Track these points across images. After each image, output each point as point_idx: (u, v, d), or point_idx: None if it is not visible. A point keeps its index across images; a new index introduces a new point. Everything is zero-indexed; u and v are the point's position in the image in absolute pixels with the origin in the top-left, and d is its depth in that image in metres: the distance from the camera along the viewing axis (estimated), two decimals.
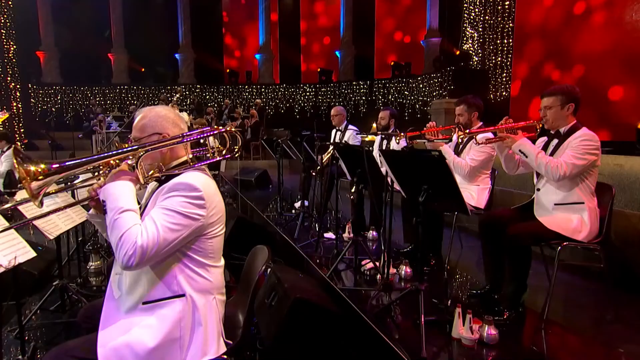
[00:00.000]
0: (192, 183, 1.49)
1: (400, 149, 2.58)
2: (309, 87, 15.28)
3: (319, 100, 15.11)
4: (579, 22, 7.86)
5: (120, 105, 14.68)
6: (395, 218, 3.98)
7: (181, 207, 1.45)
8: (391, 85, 13.38)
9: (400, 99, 13.05)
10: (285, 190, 5.61)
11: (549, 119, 2.51)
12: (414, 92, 12.54)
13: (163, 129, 1.61)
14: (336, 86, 14.83)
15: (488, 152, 3.21)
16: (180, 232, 1.45)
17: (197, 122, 6.65)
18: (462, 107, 3.35)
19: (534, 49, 8.82)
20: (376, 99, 13.85)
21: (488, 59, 10.18)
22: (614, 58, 7.13)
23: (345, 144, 3.18)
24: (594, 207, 2.44)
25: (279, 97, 15.26)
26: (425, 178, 2.12)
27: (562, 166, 2.35)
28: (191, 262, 1.54)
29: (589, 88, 7.36)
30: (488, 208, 3.24)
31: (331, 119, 5.05)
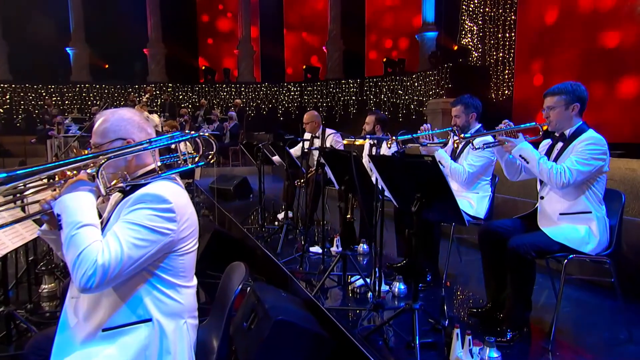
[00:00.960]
0: (160, 194, 1.49)
1: (390, 154, 2.61)
2: (294, 86, 15.35)
3: (304, 100, 15.19)
4: (588, 12, 8.03)
5: (81, 106, 14.54)
6: (387, 230, 4.03)
7: (148, 220, 1.45)
8: (383, 83, 13.52)
9: (394, 98, 13.19)
10: (268, 200, 5.59)
11: (552, 120, 2.57)
12: (409, 91, 12.69)
13: (127, 134, 1.61)
14: (323, 85, 14.92)
15: (487, 157, 3.27)
16: (147, 248, 1.44)
17: (167, 125, 6.61)
18: (458, 108, 3.41)
19: (538, 43, 9.01)
20: (367, 98, 13.97)
21: (489, 54, 10.36)
22: (631, 52, 7.26)
23: (331, 148, 3.20)
24: (603, 217, 2.50)
25: (261, 97, 15.29)
26: (417, 186, 2.15)
27: (565, 173, 2.41)
28: (159, 282, 1.54)
29: (600, 85, 7.54)
30: (489, 218, 3.29)
31: (303, 126, 5.05)
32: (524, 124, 2.69)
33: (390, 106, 13.26)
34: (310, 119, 5.02)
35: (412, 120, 11.86)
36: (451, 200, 2.01)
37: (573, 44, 8.14)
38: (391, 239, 3.83)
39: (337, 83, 14.70)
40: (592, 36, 7.83)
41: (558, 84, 2.59)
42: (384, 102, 13.44)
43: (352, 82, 14.43)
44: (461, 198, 3.33)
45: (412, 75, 12.62)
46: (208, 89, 15.25)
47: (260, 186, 4.77)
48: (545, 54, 8.85)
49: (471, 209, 3.26)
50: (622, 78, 7.46)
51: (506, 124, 2.63)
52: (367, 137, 3.09)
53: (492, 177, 3.43)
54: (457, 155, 3.42)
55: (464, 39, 11.00)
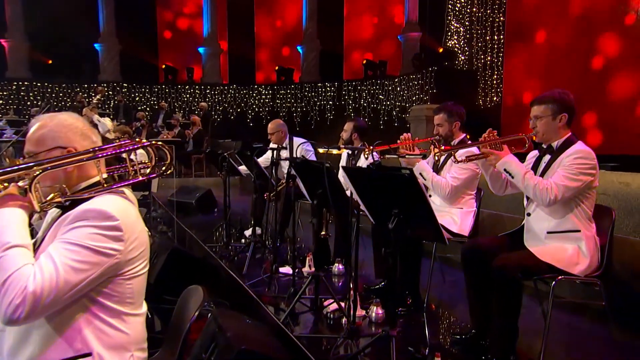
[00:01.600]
0: (105, 210, 1.46)
1: (367, 166, 2.64)
2: (265, 89, 15.37)
3: (276, 104, 15.22)
4: (582, 14, 8.31)
5: (18, 107, 14.14)
6: (365, 248, 4.04)
7: (90, 240, 1.42)
8: (363, 87, 13.68)
9: (374, 104, 13.36)
10: (234, 215, 5.56)
11: (539, 131, 2.65)
12: (391, 96, 12.88)
13: (68, 142, 1.58)
14: (298, 88, 15.00)
15: (472, 169, 3.34)
16: (88, 272, 1.41)
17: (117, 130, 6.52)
18: (441, 116, 3.48)
19: (528, 47, 9.28)
20: (346, 103, 14.10)
21: (476, 57, 10.63)
22: (627, 61, 7.52)
23: (305, 160, 3.21)
24: (592, 235, 2.57)
25: (228, 101, 15.25)
26: (395, 201, 2.17)
27: (552, 189, 2.47)
28: (102, 310, 1.50)
29: (594, 94, 7.80)
30: (473, 235, 3.35)
31: (269, 138, 5.02)
32: (511, 135, 2.77)
33: (370, 112, 13.41)
34: (275, 128, 5.00)
35: (394, 128, 12.01)
36: (430, 216, 2.04)
37: (570, 47, 8.37)
38: (369, 258, 3.85)
39: (313, 86, 14.80)
40: (588, 38, 8.08)
41: (545, 92, 2.68)
42: (364, 107, 13.59)
43: (329, 85, 14.55)
44: (444, 214, 3.38)
45: (394, 79, 12.82)
46: (169, 91, 15.12)
47: (226, 199, 4.75)
48: (536, 59, 9.11)
49: (455, 226, 3.31)
50: (616, 81, 7.74)
51: (490, 133, 2.69)
52: (342, 146, 3.11)
53: (477, 191, 3.50)
54: (439, 167, 3.48)
55: (450, 40, 11.26)
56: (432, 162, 3.52)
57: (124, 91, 14.77)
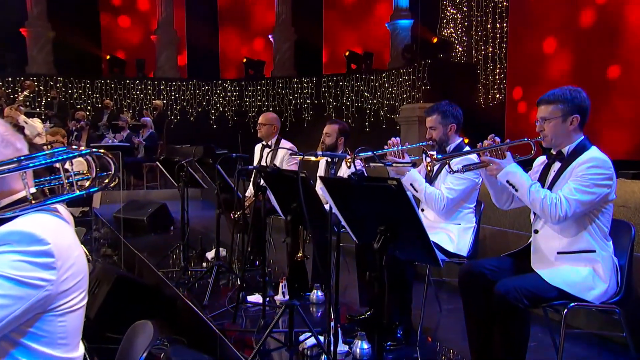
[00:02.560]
0: (32, 231, 1.44)
1: (348, 176, 2.66)
2: (231, 85, 15.37)
3: (245, 102, 15.23)
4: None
5: None
6: (349, 272, 4.05)
7: (13, 269, 1.39)
8: (346, 83, 13.80)
9: (359, 102, 13.47)
10: (193, 234, 5.53)
11: (548, 135, 2.71)
12: (377, 93, 13.00)
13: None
14: (269, 84, 15.04)
15: (471, 179, 3.39)
16: (10, 309, 1.38)
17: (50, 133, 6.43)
18: (434, 118, 3.52)
19: (537, 36, 9.45)
20: (325, 102, 14.18)
21: (476, 49, 10.83)
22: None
23: (276, 169, 3.22)
24: (609, 256, 2.63)
25: (187, 98, 15.19)
26: (380, 216, 2.19)
27: (562, 203, 2.52)
28: (27, 354, 1.46)
29: (619, 90, 7.95)
30: (472, 255, 3.39)
31: (257, 128, 5.16)
32: (515, 140, 2.81)
33: (354, 112, 13.51)
34: (269, 120, 5.12)
35: (382, 130, 12.12)
36: (421, 234, 2.06)
37: (584, 36, 8.50)
38: (353, 284, 3.87)
39: (287, 82, 14.86)
40: (609, 25, 8.16)
41: (554, 90, 2.73)
42: (347, 106, 13.69)
43: (306, 80, 14.64)
44: (439, 230, 3.42)
45: (382, 74, 12.95)
46: (115, 86, 14.97)
47: (184, 215, 4.71)
48: (545, 49, 9.28)
49: (451, 244, 3.35)
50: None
51: (492, 139, 2.73)
52: (319, 153, 3.13)
53: (477, 204, 3.54)
54: (432, 177, 3.52)
55: (446, 29, 11.44)
56: (424, 171, 3.56)
57: (58, 86, 14.54)
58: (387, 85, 12.70)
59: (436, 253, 2.13)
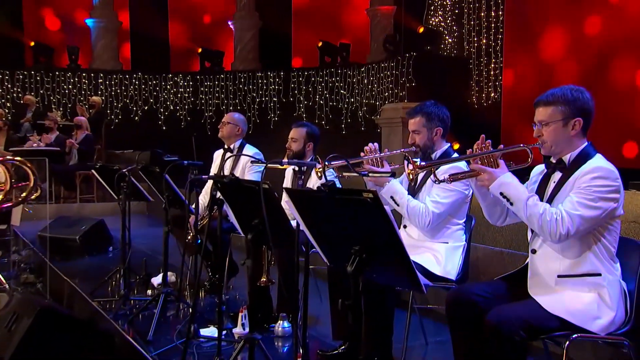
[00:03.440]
0: None
1: (317, 188, 2.67)
2: (184, 79, 15.28)
3: (200, 100, 15.16)
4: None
5: None
6: (321, 299, 4.06)
7: None
8: (319, 79, 13.84)
9: (334, 101, 13.52)
10: (136, 256, 5.47)
11: (547, 141, 2.75)
12: (355, 90, 13.08)
13: None
14: (229, 78, 15.01)
15: (460, 191, 3.43)
16: None
17: None
18: (418, 120, 3.56)
19: (538, 26, 9.61)
20: (295, 100, 14.20)
21: (468, 40, 10.96)
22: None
23: (234, 178, 3.22)
24: (617, 280, 2.68)
25: (131, 95, 15.05)
26: (355, 235, 2.21)
27: (563, 220, 2.56)
28: None
29: (625, 90, 8.13)
30: (463, 279, 3.43)
31: (219, 126, 5.17)
32: (509, 146, 2.86)
33: (328, 112, 13.56)
34: (234, 120, 5.16)
35: (361, 134, 12.17)
36: (401, 256, 2.09)
37: (590, 26, 8.69)
38: (325, 313, 3.87)
39: (250, 76, 14.85)
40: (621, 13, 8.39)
41: (553, 89, 2.78)
42: (320, 106, 13.73)
43: (272, 75, 14.65)
44: (424, 250, 3.46)
45: (361, 68, 13.04)
46: (41, 79, 14.71)
47: (125, 234, 4.65)
48: (548, 42, 9.45)
49: (437, 267, 3.38)
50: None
51: (482, 143, 2.77)
52: (284, 161, 3.15)
53: (467, 219, 3.59)
54: (416, 188, 3.56)
55: (434, 17, 11.57)
56: (407, 182, 3.60)
57: None
58: (366, 81, 12.78)
59: (418, 277, 2.16)
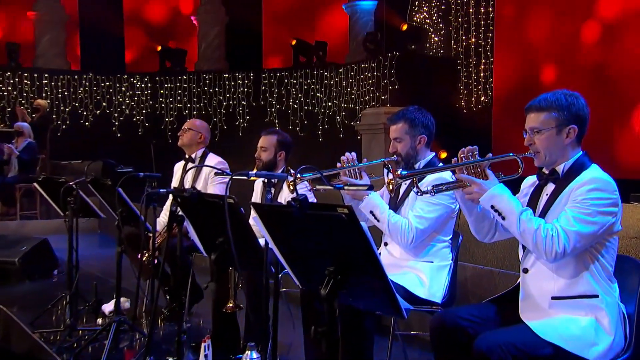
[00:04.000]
0: None
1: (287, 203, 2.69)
2: (141, 81, 15.20)
3: (160, 103, 15.07)
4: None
5: None
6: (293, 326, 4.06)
7: None
8: (292, 80, 13.84)
9: (309, 105, 13.53)
10: (86, 280, 5.44)
11: (539, 150, 2.80)
12: (333, 93, 13.10)
13: None
14: (192, 80, 14.95)
15: (445, 204, 3.46)
16: None
17: None
18: (400, 127, 3.60)
19: (532, 23, 9.71)
20: (266, 104, 14.19)
21: (455, 39, 11.06)
22: None
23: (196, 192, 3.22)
24: (615, 302, 2.72)
25: (80, 98, 14.92)
26: (329, 254, 2.23)
27: (560, 237, 2.59)
28: None
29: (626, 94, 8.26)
30: (449, 302, 3.45)
31: (179, 134, 5.19)
32: (499, 155, 2.90)
33: (303, 117, 13.56)
34: (196, 127, 5.20)
35: (339, 141, 12.18)
36: (379, 277, 2.11)
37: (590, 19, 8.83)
38: (298, 341, 3.87)
39: (216, 77, 14.80)
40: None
41: (546, 94, 2.83)
42: (294, 110, 13.72)
43: (240, 76, 14.61)
44: (406, 270, 3.49)
45: (339, 69, 13.06)
46: None
47: (72, 255, 4.62)
48: (541, 41, 9.57)
49: (421, 288, 3.40)
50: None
51: (469, 152, 2.80)
52: (252, 173, 3.15)
53: (454, 236, 3.62)
54: (398, 201, 3.59)
55: (418, 14, 11.65)
56: (387, 195, 3.62)
57: None
58: (344, 83, 12.79)
59: (399, 301, 2.18)
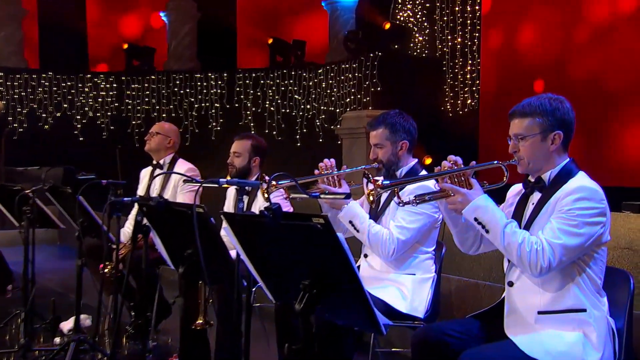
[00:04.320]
0: None
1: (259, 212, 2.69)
2: (106, 81, 15.11)
3: (126, 105, 14.99)
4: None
5: None
6: (267, 343, 4.05)
7: None
8: (269, 81, 13.83)
9: (287, 107, 13.53)
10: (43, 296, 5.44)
11: (524, 157, 2.83)
12: (312, 95, 13.11)
13: None
14: (161, 80, 14.89)
15: (428, 214, 3.48)
16: None
17: None
18: (380, 133, 3.61)
19: (520, 21, 9.79)
20: (241, 106, 14.17)
21: (441, 39, 11.11)
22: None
23: (162, 201, 3.22)
24: (603, 316, 2.75)
25: (39, 99, 14.80)
26: (304, 267, 2.24)
27: (545, 251, 2.61)
28: None
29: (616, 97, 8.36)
30: (432, 317, 3.47)
31: (146, 138, 5.19)
32: (482, 163, 2.93)
33: (281, 120, 13.55)
34: (165, 131, 5.21)
35: (318, 146, 12.19)
36: (357, 291, 2.12)
37: (581, 25, 8.98)
38: (274, 359, 3.86)
39: (188, 77, 14.74)
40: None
41: (530, 99, 2.87)
42: (270, 113, 13.71)
43: (213, 76, 14.57)
44: (387, 284, 3.50)
45: (318, 69, 13.07)
46: None
47: (28, 269, 4.60)
48: (531, 41, 9.65)
49: (403, 302, 3.42)
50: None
51: (453, 162, 2.82)
52: (223, 180, 3.16)
53: (438, 246, 3.64)
54: (378, 211, 3.61)
55: (402, 12, 11.70)
56: (367, 204, 3.62)
57: None
58: (324, 85, 12.80)
59: (377, 316, 2.19)
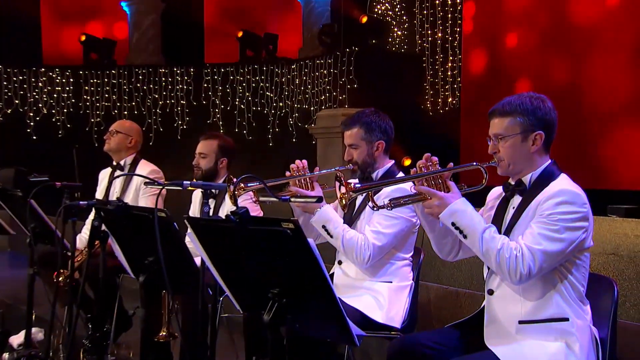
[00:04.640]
0: None
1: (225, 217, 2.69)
2: (62, 75, 14.99)
3: (83, 102, 14.88)
4: None
5: None
6: (236, 356, 4.06)
7: None
8: (239, 77, 13.80)
9: (258, 105, 13.50)
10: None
11: (504, 159, 2.86)
12: (285, 92, 13.10)
13: None
14: (123, 75, 14.80)
15: (406, 218, 3.50)
16: None
17: None
18: (355, 133, 3.63)
19: (505, 14, 9.87)
20: (209, 103, 14.12)
21: (420, 33, 11.14)
22: None
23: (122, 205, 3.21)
24: (586, 325, 2.78)
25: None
26: (273, 275, 2.25)
27: (524, 257, 2.64)
28: None
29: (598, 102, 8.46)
30: (410, 327, 3.49)
31: (105, 137, 5.18)
32: (461, 165, 2.96)
33: (251, 119, 13.52)
34: (125, 129, 5.21)
35: (291, 146, 12.19)
36: (329, 300, 2.13)
37: (566, 22, 9.08)
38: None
39: (151, 72, 14.66)
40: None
41: (510, 97, 2.90)
42: (240, 111, 13.67)
43: (179, 71, 14.51)
44: (363, 292, 3.52)
45: (291, 65, 13.05)
46: None
47: None
48: (515, 37, 9.73)
49: (379, 312, 3.42)
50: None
51: (429, 162, 2.85)
52: (188, 183, 3.15)
53: (415, 253, 3.67)
54: (353, 215, 3.62)
55: (379, 5, 11.73)
56: (339, 210, 3.65)
57: None
58: (298, 81, 12.77)
59: (350, 326, 2.20)
